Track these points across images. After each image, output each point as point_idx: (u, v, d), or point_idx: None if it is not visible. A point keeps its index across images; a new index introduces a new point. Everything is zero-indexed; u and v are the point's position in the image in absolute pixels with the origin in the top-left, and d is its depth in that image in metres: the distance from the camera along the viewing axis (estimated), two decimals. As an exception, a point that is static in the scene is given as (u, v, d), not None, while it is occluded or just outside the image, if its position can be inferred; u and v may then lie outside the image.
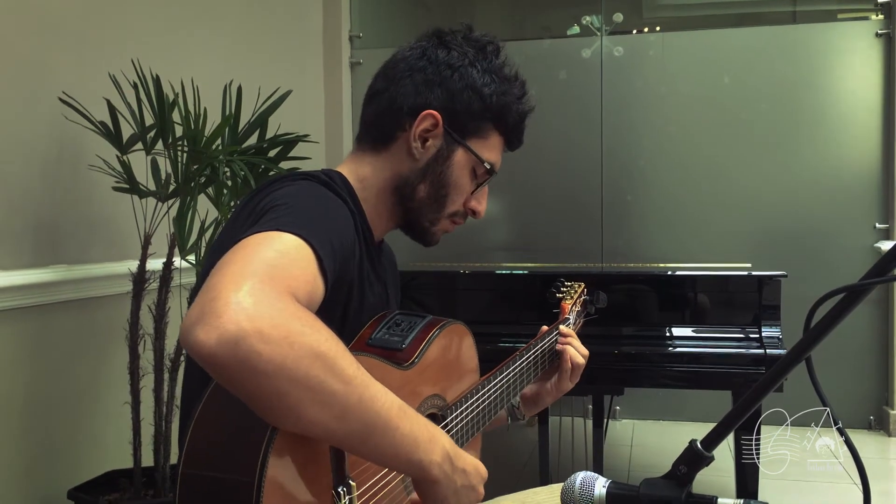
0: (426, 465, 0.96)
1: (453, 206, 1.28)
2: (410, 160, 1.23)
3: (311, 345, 0.82)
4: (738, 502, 0.90)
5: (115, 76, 2.31)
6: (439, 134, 1.22)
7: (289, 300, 0.84)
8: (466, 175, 1.26)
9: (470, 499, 1.04)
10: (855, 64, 4.12)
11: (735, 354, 2.73)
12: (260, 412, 0.83)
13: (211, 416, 0.89)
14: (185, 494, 0.87)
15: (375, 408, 0.88)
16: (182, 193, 2.31)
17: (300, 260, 0.91)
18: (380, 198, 1.25)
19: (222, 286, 0.81)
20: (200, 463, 0.88)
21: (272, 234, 0.91)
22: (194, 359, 0.80)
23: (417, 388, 1.12)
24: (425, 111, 1.20)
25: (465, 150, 1.24)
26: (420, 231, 1.31)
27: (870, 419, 4.12)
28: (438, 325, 1.20)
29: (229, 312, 0.78)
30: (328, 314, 0.92)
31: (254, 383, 0.80)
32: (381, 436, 0.90)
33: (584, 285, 1.77)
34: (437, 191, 1.25)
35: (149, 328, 2.35)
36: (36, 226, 2.33)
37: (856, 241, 4.07)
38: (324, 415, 0.84)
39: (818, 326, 0.87)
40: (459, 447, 1.20)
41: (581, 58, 4.33)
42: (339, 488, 0.91)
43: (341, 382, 0.84)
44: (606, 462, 2.97)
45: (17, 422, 2.26)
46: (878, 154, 4.10)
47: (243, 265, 0.85)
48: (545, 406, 1.55)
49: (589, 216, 4.29)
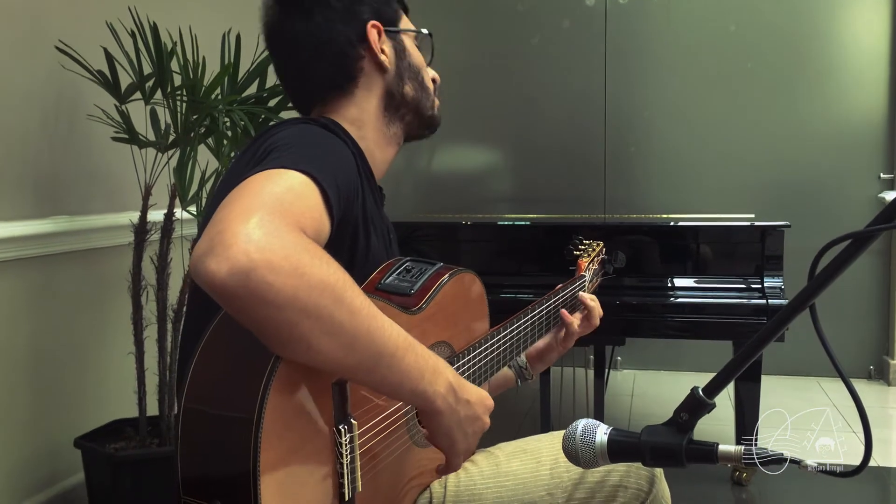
0: (430, 396, 0.97)
1: (429, 82, 1.34)
2: (384, 74, 1.26)
3: (320, 276, 0.83)
4: (738, 448, 0.91)
5: (112, 24, 2.28)
6: (384, 38, 1.26)
7: (297, 233, 0.85)
8: (418, 52, 1.32)
9: (474, 428, 1.05)
10: (862, 12, 4.06)
11: (737, 304, 2.74)
12: (268, 342, 0.84)
13: (213, 352, 0.90)
14: (186, 427, 0.88)
15: (383, 338, 0.90)
16: (182, 144, 2.29)
17: (307, 195, 0.92)
18: (377, 127, 1.27)
19: (231, 218, 0.82)
20: (202, 397, 0.89)
21: (278, 171, 0.92)
22: (204, 289, 0.81)
23: (425, 333, 1.12)
24: (368, 27, 1.24)
25: (403, 34, 1.30)
26: (427, 121, 1.34)
27: (869, 369, 4.14)
28: (448, 272, 1.20)
29: (239, 243, 0.79)
30: (335, 249, 0.92)
31: (264, 313, 0.81)
32: (387, 366, 0.91)
33: (603, 244, 1.77)
34: (417, 79, 1.30)
35: (151, 279, 2.36)
36: (36, 176, 2.32)
37: (860, 192, 4.06)
38: (332, 344, 0.85)
39: (823, 274, 0.86)
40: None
41: (585, 6, 4.27)
42: (341, 426, 0.92)
43: (349, 313, 0.86)
44: (607, 412, 3.00)
45: (22, 372, 2.28)
46: (884, 104, 4.06)
47: (251, 199, 0.86)
48: (551, 363, 1.55)
49: (592, 167, 4.27)
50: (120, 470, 2.21)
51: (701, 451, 0.92)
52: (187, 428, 0.88)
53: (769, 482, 2.82)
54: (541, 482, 1.31)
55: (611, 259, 1.78)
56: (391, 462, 1.06)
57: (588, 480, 1.31)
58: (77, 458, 2.32)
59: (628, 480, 1.31)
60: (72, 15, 2.42)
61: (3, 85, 2.20)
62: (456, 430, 1.03)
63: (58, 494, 2.39)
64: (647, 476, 1.31)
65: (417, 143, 1.40)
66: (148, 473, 2.22)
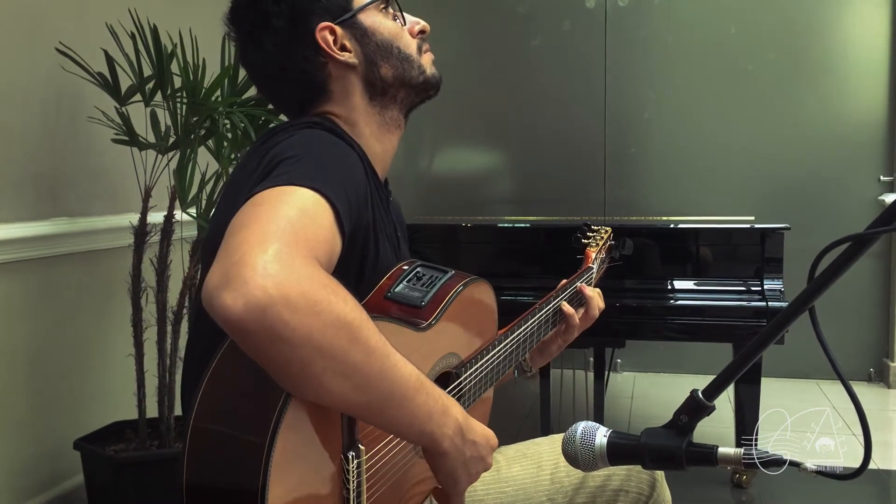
0: (437, 438, 0.95)
1: (412, 45, 1.24)
2: (353, 70, 1.19)
3: (336, 314, 0.82)
4: (738, 451, 0.90)
5: (112, 26, 2.28)
6: (341, 32, 1.19)
7: (314, 266, 0.83)
8: (385, 20, 1.22)
9: (479, 468, 1.04)
10: (863, 15, 4.06)
11: (736, 307, 2.74)
12: (279, 379, 0.82)
13: (226, 373, 0.88)
14: (194, 447, 0.87)
15: (395, 378, 0.88)
16: (182, 146, 2.29)
17: (319, 217, 0.90)
18: (370, 120, 1.22)
19: (247, 248, 0.80)
20: (212, 417, 0.87)
21: (289, 190, 0.90)
22: (218, 323, 0.79)
23: (434, 348, 1.10)
24: (317, 34, 1.17)
25: (361, 13, 1.20)
26: (422, 86, 1.25)
27: (869, 371, 4.14)
28: (461, 281, 1.17)
29: (256, 279, 0.77)
30: (345, 266, 0.91)
31: (277, 351, 0.79)
32: (397, 407, 0.90)
33: (612, 230, 1.73)
34: (391, 52, 1.21)
35: (151, 281, 2.36)
36: (36, 178, 2.32)
37: (860, 194, 4.05)
38: (344, 385, 0.84)
39: (822, 276, 0.86)
40: (474, 400, 1.20)
41: (585, 8, 4.27)
42: (349, 452, 0.91)
43: (363, 353, 0.84)
44: (607, 414, 3.00)
45: (22, 374, 2.28)
46: (885, 106, 4.05)
47: (266, 225, 0.83)
48: (551, 356, 1.53)
49: (592, 169, 4.27)
50: (120, 472, 2.21)
51: (701, 454, 0.92)
52: (195, 447, 0.86)
53: (769, 484, 2.81)
54: (541, 487, 1.31)
55: (618, 245, 1.74)
56: (397, 479, 1.05)
57: (589, 485, 1.31)
58: (77, 459, 2.32)
59: (629, 484, 1.30)
60: (72, 17, 2.42)
61: (4, 86, 2.20)
62: (461, 471, 1.01)
63: (57, 496, 2.39)
64: (648, 480, 1.31)
65: (418, 145, 1.39)
66: (148, 475, 2.22)
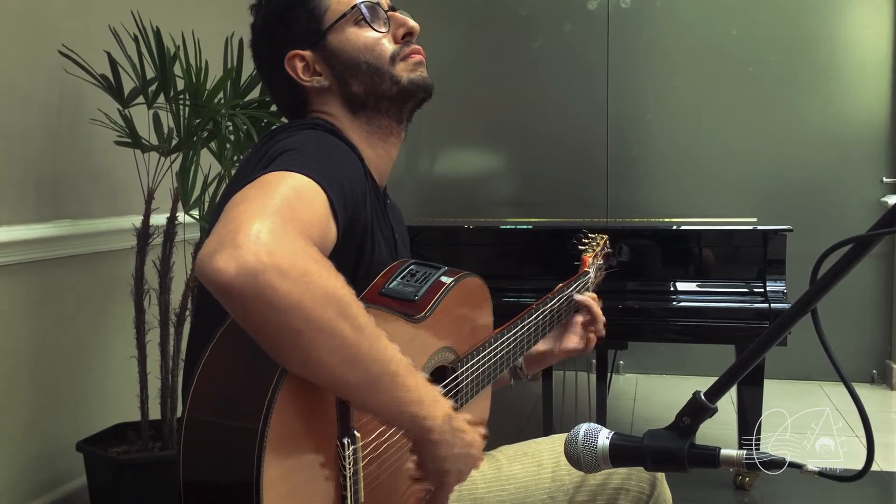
0: (428, 424, 0.94)
1: (384, 56, 1.20)
2: (328, 90, 1.21)
3: (326, 287, 0.83)
4: (740, 453, 0.90)
5: (115, 29, 2.29)
6: (311, 56, 1.20)
7: (307, 241, 0.84)
8: (358, 34, 1.20)
9: (467, 465, 1.02)
10: (864, 17, 4.06)
11: (739, 309, 2.74)
12: (270, 349, 0.83)
13: (218, 361, 0.89)
14: (189, 436, 0.87)
15: (384, 359, 0.88)
16: (184, 148, 2.30)
17: (315, 201, 0.92)
18: (357, 130, 1.21)
19: (243, 218, 0.82)
20: (206, 406, 0.88)
21: (287, 174, 0.92)
22: (209, 287, 0.81)
23: (428, 340, 1.11)
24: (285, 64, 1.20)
25: (331, 32, 1.20)
26: (401, 95, 1.21)
27: (872, 373, 4.13)
28: (454, 277, 1.18)
29: (249, 244, 0.79)
30: (340, 262, 0.91)
31: (268, 318, 0.80)
32: (387, 389, 0.89)
33: (608, 238, 1.73)
34: (360, 69, 1.19)
35: (153, 283, 2.36)
36: (38, 180, 2.33)
37: (862, 196, 4.05)
38: (333, 359, 0.84)
39: (825, 278, 0.86)
40: (470, 398, 1.20)
41: (587, 10, 4.27)
42: (344, 438, 0.91)
43: (353, 329, 0.85)
44: (609, 416, 3.00)
45: (24, 376, 2.28)
46: (887, 107, 4.05)
47: (263, 200, 0.86)
48: (548, 365, 1.53)
49: (594, 170, 4.27)
50: (122, 474, 2.21)
51: (703, 456, 0.92)
52: (190, 437, 0.87)
53: (771, 486, 2.81)
54: (542, 485, 1.31)
55: (615, 252, 1.74)
56: (394, 469, 1.05)
57: (589, 484, 1.31)
58: (79, 461, 2.32)
59: (630, 484, 1.30)
60: (75, 19, 2.42)
61: (7, 88, 2.21)
62: (450, 464, 0.98)
63: (60, 498, 2.39)
64: (648, 479, 1.31)
65: (419, 147, 1.40)
66: (150, 477, 2.22)
